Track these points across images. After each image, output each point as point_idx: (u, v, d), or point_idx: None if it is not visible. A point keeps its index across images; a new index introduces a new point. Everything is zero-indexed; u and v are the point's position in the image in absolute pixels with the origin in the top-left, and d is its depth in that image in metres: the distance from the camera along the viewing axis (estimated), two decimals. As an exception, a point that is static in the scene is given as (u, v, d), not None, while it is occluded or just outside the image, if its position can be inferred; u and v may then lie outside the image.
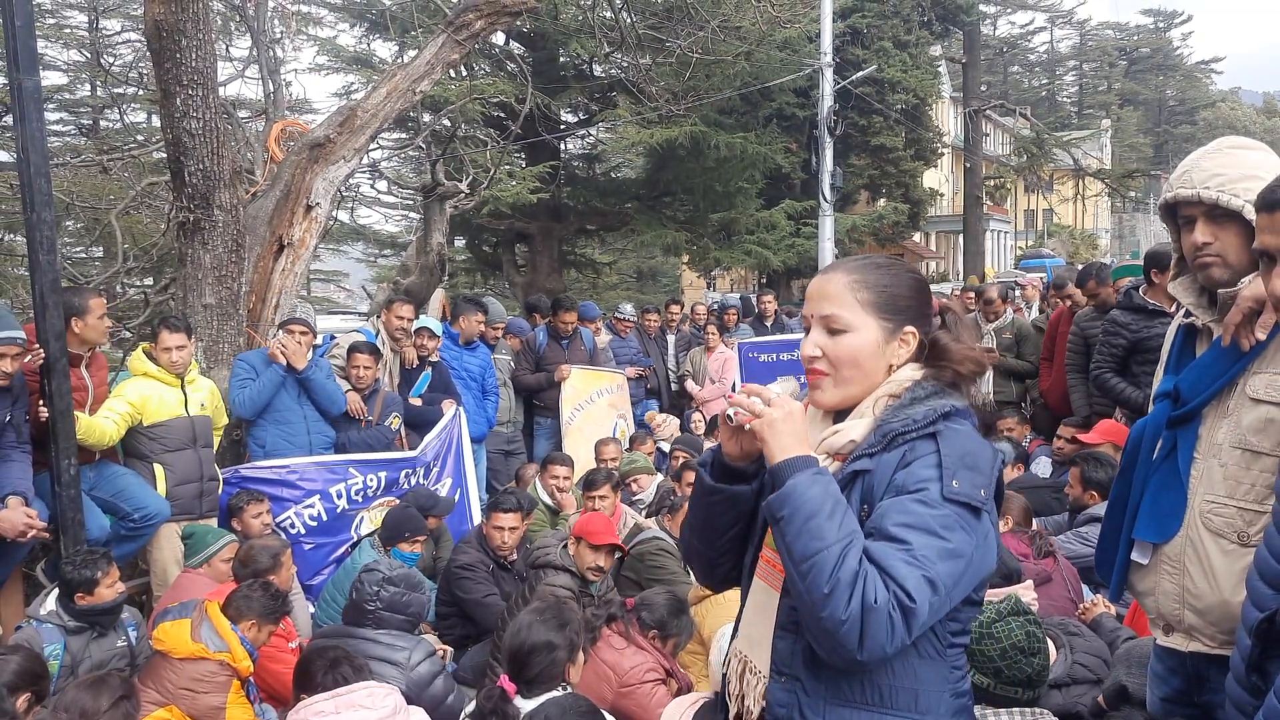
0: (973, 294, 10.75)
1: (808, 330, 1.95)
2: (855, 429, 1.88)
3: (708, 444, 7.81)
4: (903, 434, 1.80)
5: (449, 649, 5.19)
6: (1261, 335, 2.21)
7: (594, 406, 8.80)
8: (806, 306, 1.97)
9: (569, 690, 3.50)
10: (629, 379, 9.58)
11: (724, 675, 2.04)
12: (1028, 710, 2.88)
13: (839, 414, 1.95)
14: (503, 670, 3.50)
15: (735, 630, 2.05)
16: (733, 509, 1.98)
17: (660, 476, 7.17)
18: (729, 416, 1.87)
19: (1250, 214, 2.18)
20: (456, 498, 6.89)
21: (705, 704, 3.40)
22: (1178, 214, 2.39)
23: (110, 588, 4.33)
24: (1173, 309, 2.59)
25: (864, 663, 1.67)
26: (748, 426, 1.83)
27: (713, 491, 1.97)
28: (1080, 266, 8.10)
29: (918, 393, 1.86)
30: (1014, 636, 2.88)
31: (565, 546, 5.06)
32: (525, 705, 3.33)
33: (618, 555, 5.17)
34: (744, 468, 1.96)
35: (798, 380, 2.00)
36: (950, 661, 1.84)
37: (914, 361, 1.92)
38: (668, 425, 9.23)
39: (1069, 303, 7.49)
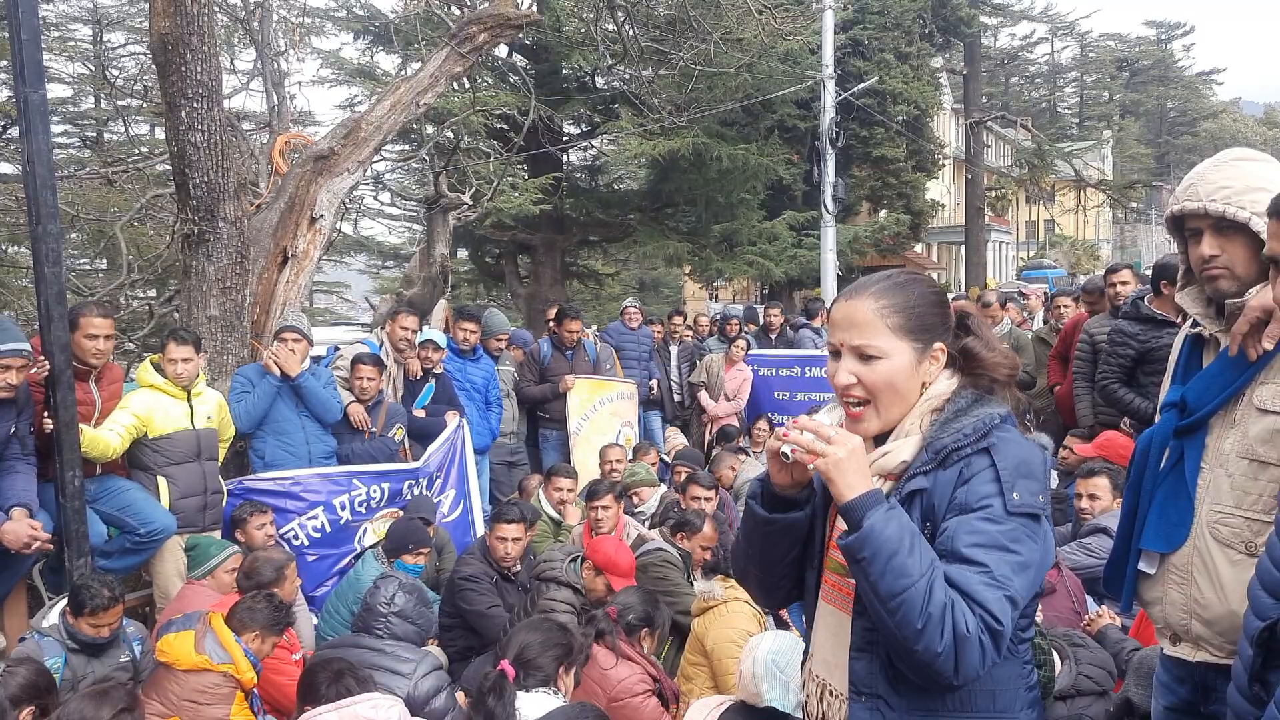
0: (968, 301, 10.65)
1: (834, 355, 1.96)
2: (905, 449, 1.90)
3: (734, 462, 7.79)
4: (956, 449, 1.83)
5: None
6: (1269, 345, 2.20)
7: (598, 415, 8.79)
8: (834, 334, 1.98)
9: (558, 694, 3.55)
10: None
11: (804, 699, 2.08)
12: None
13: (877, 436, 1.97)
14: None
15: (807, 651, 2.09)
16: (788, 536, 2.01)
17: (663, 488, 7.16)
18: (784, 455, 1.86)
19: (1257, 226, 2.19)
20: (461, 509, 6.88)
21: (731, 707, 3.55)
22: (1184, 226, 2.39)
23: (107, 626, 4.26)
24: (1180, 319, 2.59)
25: (960, 685, 1.73)
26: (811, 466, 1.82)
27: (768, 523, 1.99)
28: (1084, 277, 8.03)
29: (959, 404, 1.89)
30: None
31: (573, 561, 5.05)
32: (521, 695, 3.38)
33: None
34: (795, 496, 1.98)
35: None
36: (1021, 658, 1.91)
37: (945, 372, 1.95)
38: (674, 438, 9.27)
39: (1089, 308, 7.29)
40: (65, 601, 4.40)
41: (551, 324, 9.23)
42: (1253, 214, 2.20)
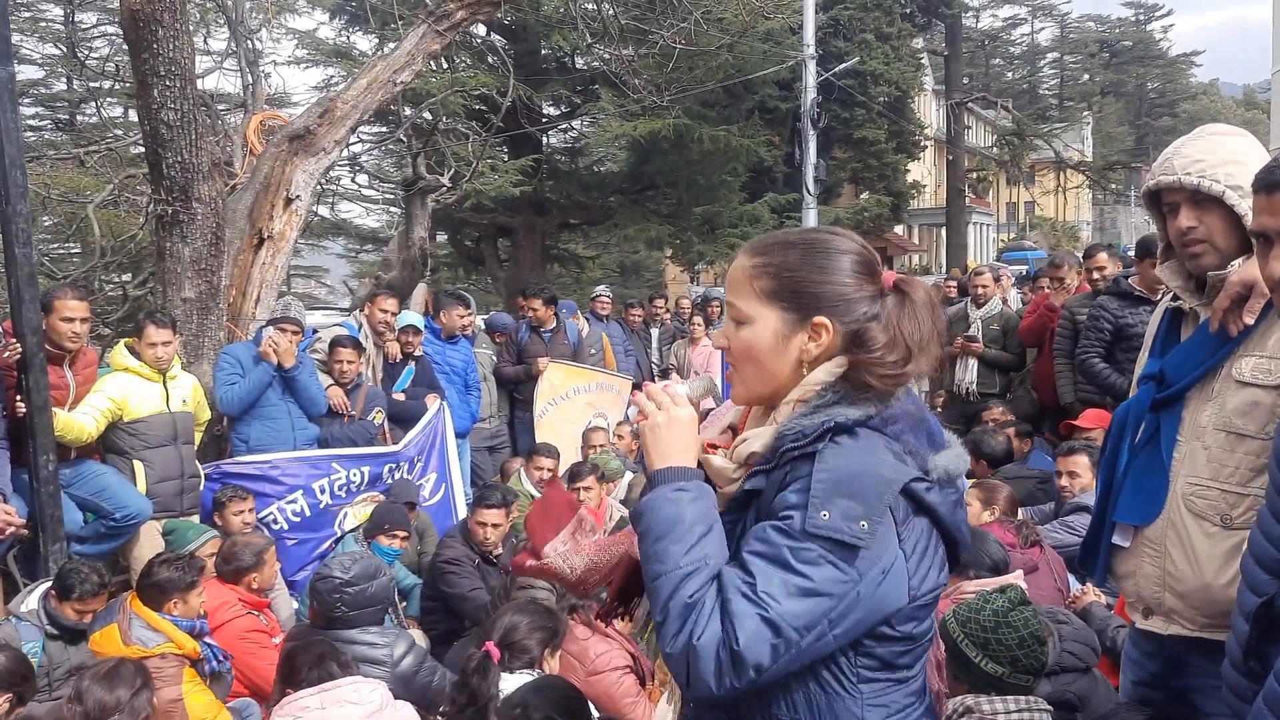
0: (954, 284, 10.48)
1: None
2: (758, 440, 1.69)
3: None
4: (790, 449, 1.61)
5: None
6: (1250, 319, 2.20)
7: (569, 403, 8.60)
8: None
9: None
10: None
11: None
12: (1022, 699, 2.87)
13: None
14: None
15: None
16: None
17: (631, 476, 7.08)
18: (626, 416, 1.77)
19: (1231, 200, 2.19)
20: (442, 492, 6.84)
21: None
22: (1161, 201, 2.39)
23: (92, 612, 4.22)
24: (1157, 296, 2.58)
25: (698, 700, 1.55)
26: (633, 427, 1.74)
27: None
28: (1055, 256, 7.92)
29: (825, 398, 1.65)
30: (1031, 625, 2.88)
31: None
32: (506, 676, 3.35)
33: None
34: None
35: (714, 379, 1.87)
36: (867, 699, 1.62)
37: (841, 356, 1.68)
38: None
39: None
40: (45, 586, 4.35)
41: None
42: (1227, 187, 2.20)
